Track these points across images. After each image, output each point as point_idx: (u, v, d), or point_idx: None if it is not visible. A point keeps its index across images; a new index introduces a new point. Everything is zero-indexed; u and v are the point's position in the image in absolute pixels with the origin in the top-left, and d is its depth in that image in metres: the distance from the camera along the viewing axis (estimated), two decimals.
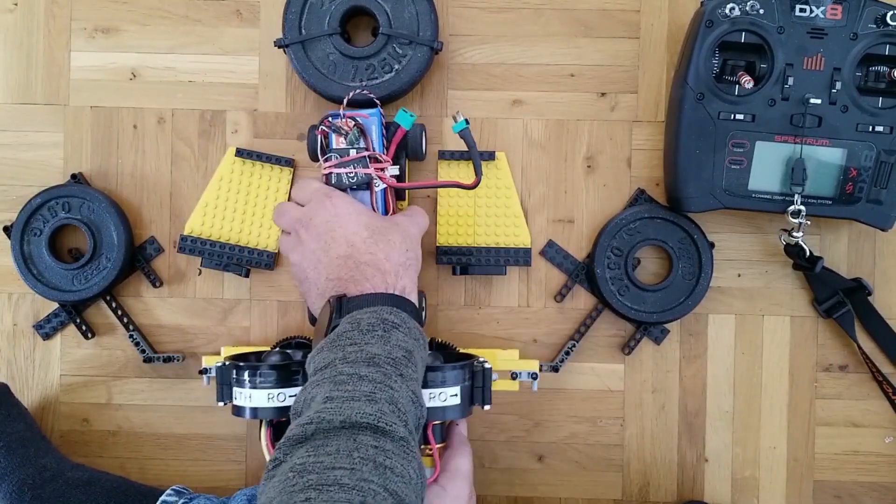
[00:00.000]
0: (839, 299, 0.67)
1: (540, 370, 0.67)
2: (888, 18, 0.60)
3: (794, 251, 0.65)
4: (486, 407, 0.58)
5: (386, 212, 0.61)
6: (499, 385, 0.62)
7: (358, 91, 0.64)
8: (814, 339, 0.69)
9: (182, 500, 0.62)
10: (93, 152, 0.69)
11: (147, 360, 0.67)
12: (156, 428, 0.70)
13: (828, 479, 0.69)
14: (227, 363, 0.59)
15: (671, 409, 0.69)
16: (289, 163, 0.68)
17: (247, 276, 0.68)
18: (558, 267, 0.69)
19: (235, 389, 0.58)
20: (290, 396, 0.58)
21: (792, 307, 0.69)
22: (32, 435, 0.64)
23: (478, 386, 0.58)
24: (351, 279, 0.54)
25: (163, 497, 0.62)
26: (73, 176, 0.68)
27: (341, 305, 0.52)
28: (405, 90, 0.65)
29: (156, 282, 0.69)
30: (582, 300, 0.69)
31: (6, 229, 0.67)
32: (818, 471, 0.69)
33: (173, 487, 0.64)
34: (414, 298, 0.56)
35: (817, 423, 0.69)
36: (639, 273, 0.68)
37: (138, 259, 0.69)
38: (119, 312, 0.68)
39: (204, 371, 0.64)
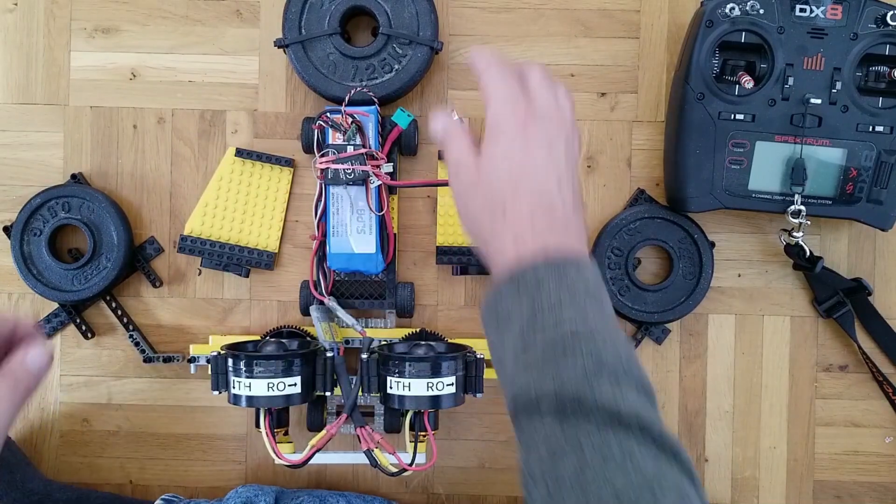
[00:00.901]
0: (839, 299, 0.67)
1: None
2: (888, 18, 0.60)
3: (794, 251, 0.65)
4: (479, 395, 0.61)
5: (380, 207, 0.62)
6: (486, 374, 0.62)
7: (358, 90, 0.64)
8: (814, 339, 0.69)
9: None
10: (93, 152, 0.69)
11: (147, 360, 0.67)
12: (156, 428, 0.70)
13: (828, 479, 0.69)
14: (222, 352, 0.60)
15: (671, 409, 0.69)
16: (289, 163, 0.68)
17: (247, 276, 0.68)
18: None
19: (233, 378, 0.59)
20: (289, 385, 0.58)
21: (792, 307, 0.69)
22: (17, 461, 0.63)
23: (471, 375, 0.61)
24: None
25: None
26: (73, 176, 0.68)
27: None
28: (405, 90, 0.65)
29: (156, 282, 0.69)
30: None
31: (6, 229, 0.68)
32: (818, 471, 0.69)
33: (163, 497, 0.64)
34: None
35: (817, 423, 0.69)
36: (639, 273, 0.68)
37: (138, 259, 0.69)
38: (119, 312, 0.68)
39: (193, 360, 0.66)
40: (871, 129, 0.62)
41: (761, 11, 0.61)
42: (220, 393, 0.61)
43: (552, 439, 0.39)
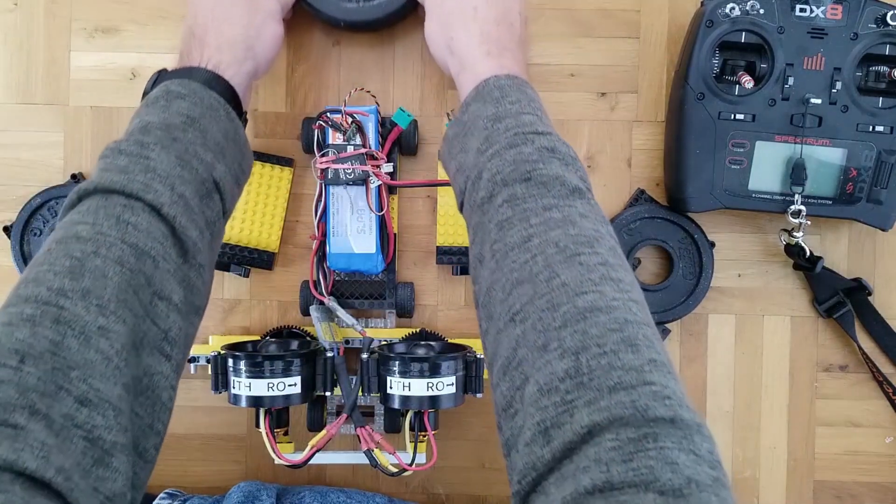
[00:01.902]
0: (839, 299, 0.67)
1: None
2: (888, 18, 0.60)
3: (794, 251, 0.65)
4: (479, 395, 0.61)
5: (380, 207, 0.62)
6: (486, 373, 0.62)
7: (357, 5, 0.63)
8: (814, 339, 0.69)
9: (176, 503, 0.62)
10: (93, 152, 0.69)
11: None
12: None
13: (828, 479, 0.69)
14: (222, 353, 0.60)
15: None
16: (289, 163, 0.68)
17: (247, 276, 0.68)
18: None
19: (233, 378, 0.59)
20: (289, 385, 0.59)
21: (792, 307, 0.69)
22: None
23: (471, 375, 0.61)
24: (183, 52, 0.55)
25: (155, 501, 0.62)
26: (73, 176, 0.68)
27: (158, 77, 0.55)
28: (401, 13, 0.63)
29: None
30: None
31: (6, 229, 0.67)
32: (818, 471, 0.69)
33: (166, 491, 0.64)
34: (234, 77, 0.54)
35: (817, 423, 0.69)
36: (639, 273, 0.68)
37: None
38: None
39: (193, 360, 0.66)
40: (871, 129, 0.62)
41: (761, 11, 0.61)
42: (220, 393, 0.61)
43: (503, 217, 0.45)
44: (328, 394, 0.62)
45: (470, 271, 0.48)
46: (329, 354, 0.61)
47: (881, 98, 0.62)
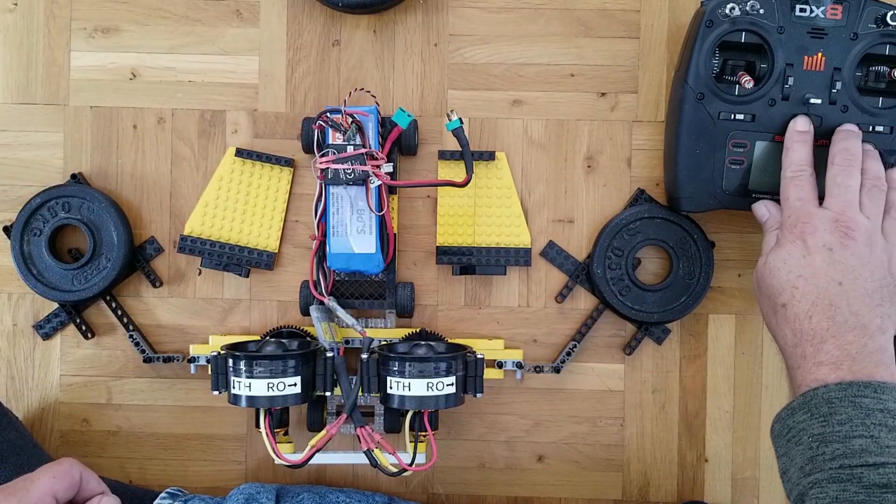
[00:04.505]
0: None
1: (541, 371, 0.67)
2: (888, 18, 0.60)
3: None
4: (479, 395, 0.61)
5: (380, 207, 0.62)
6: (485, 374, 0.62)
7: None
8: None
9: (178, 503, 0.62)
10: (93, 152, 0.69)
11: (147, 360, 0.67)
12: (156, 428, 0.70)
13: None
14: (221, 353, 0.60)
15: (671, 409, 0.69)
16: (289, 163, 0.68)
17: (247, 276, 0.68)
18: (559, 267, 0.69)
19: (233, 378, 0.59)
20: (289, 385, 0.59)
21: None
22: (24, 443, 0.64)
23: (471, 375, 0.61)
24: None
25: (157, 500, 0.62)
26: (73, 176, 0.68)
27: None
28: None
29: (156, 282, 0.69)
30: (582, 300, 0.69)
31: (6, 229, 0.68)
32: None
33: (168, 490, 0.64)
34: None
35: None
36: (639, 273, 0.68)
37: (138, 259, 0.69)
38: (119, 312, 0.68)
39: (193, 360, 0.66)
40: (871, 129, 0.61)
41: (761, 11, 0.61)
42: (220, 393, 0.61)
43: None
44: (328, 394, 0.62)
45: None
46: (329, 354, 0.61)
47: (881, 98, 0.62)
